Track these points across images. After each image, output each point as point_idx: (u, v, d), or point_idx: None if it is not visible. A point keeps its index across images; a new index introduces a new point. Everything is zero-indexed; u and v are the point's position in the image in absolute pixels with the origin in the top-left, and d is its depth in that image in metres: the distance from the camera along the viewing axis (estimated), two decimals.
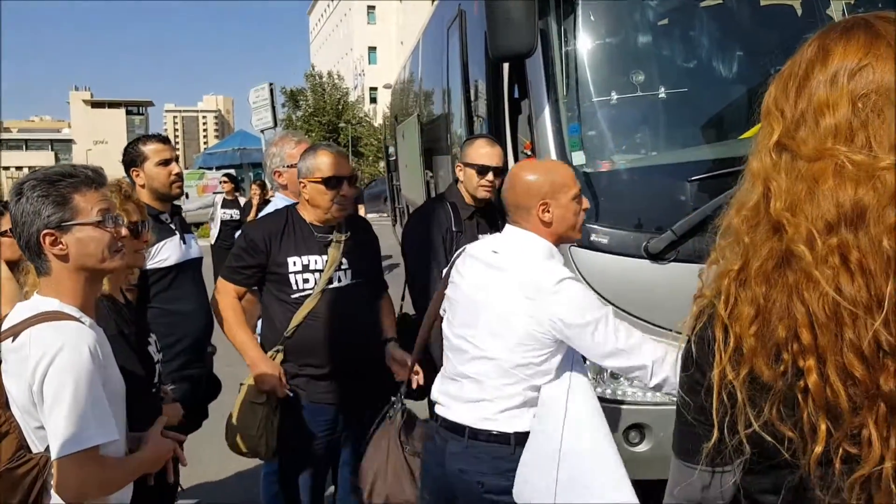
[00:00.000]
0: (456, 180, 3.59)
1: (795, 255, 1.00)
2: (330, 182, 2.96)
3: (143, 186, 3.26)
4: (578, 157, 3.45)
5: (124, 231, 1.98)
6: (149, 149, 3.33)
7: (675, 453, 1.25)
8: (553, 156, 3.46)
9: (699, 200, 3.29)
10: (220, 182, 11.52)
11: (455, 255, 2.56)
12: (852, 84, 1.02)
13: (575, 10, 3.52)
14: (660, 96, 3.51)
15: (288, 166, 3.54)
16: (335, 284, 3.00)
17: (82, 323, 1.85)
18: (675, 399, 3.27)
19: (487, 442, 2.29)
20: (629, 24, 3.71)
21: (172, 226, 3.34)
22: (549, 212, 2.30)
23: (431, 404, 2.57)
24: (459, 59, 5.12)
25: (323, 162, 2.97)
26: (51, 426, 1.75)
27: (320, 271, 2.97)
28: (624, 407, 3.36)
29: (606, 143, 3.62)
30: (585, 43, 3.60)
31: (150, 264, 3.11)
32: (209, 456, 4.17)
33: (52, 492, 1.81)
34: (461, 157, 3.51)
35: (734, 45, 3.67)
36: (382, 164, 28.48)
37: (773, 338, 1.02)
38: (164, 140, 3.45)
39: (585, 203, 2.42)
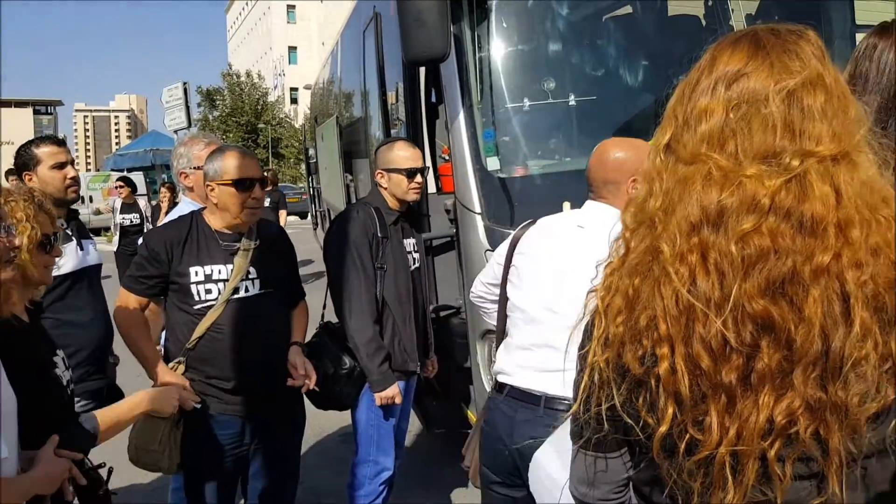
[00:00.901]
0: (376, 185, 3.54)
1: (659, 252, 1.06)
2: (240, 185, 2.83)
3: None
4: (493, 163, 3.48)
5: (17, 241, 1.88)
6: (42, 151, 3.18)
7: (571, 437, 1.33)
8: (467, 160, 3.48)
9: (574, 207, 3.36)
10: (116, 186, 11.06)
11: (514, 235, 2.54)
12: (728, 92, 1.07)
13: (488, 15, 3.55)
14: (570, 103, 3.58)
15: (195, 168, 3.38)
16: (241, 294, 2.89)
17: None
18: None
19: (565, 410, 2.28)
20: (541, 31, 3.77)
21: (69, 231, 3.17)
22: (637, 188, 2.31)
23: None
24: (375, 62, 5.09)
25: (231, 164, 2.85)
26: None
27: (225, 281, 2.85)
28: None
29: (520, 148, 3.66)
30: (499, 49, 3.63)
31: None
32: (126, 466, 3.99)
33: None
34: (381, 164, 3.44)
35: (642, 54, 3.77)
36: (304, 166, 28.11)
37: (637, 326, 1.08)
38: (59, 142, 3.29)
39: None
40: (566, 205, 2.91)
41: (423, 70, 4.10)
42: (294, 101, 58.19)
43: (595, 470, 1.27)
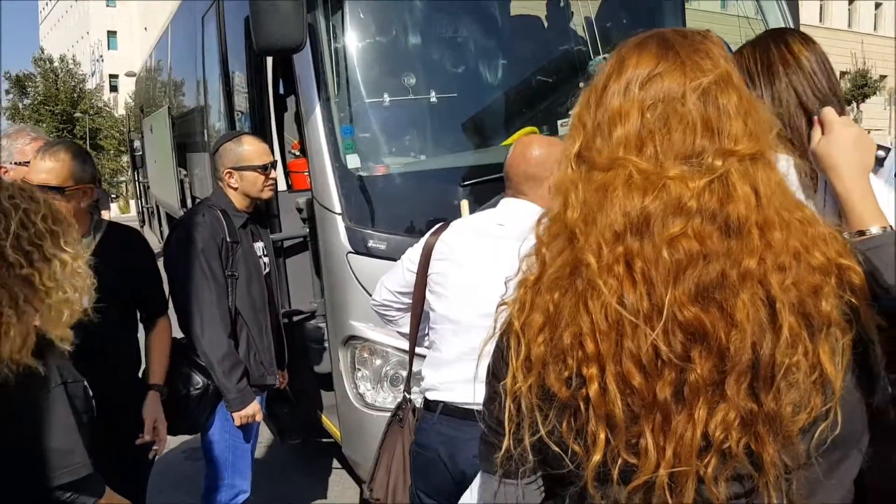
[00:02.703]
0: (218, 185, 3.24)
1: (584, 264, 1.00)
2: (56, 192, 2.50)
3: None
4: (353, 160, 3.32)
5: None
6: None
7: (480, 463, 1.27)
8: (326, 158, 3.30)
9: (477, 204, 3.30)
10: None
11: (426, 241, 2.40)
12: (642, 93, 1.03)
13: (344, 4, 3.37)
14: (431, 100, 3.48)
15: (17, 163, 2.99)
16: None
17: None
18: None
19: None
20: (400, 24, 3.65)
21: None
22: None
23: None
24: (218, 51, 4.74)
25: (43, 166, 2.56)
26: None
27: None
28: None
29: (381, 145, 3.53)
30: (357, 40, 3.49)
31: None
32: None
33: None
34: (230, 162, 3.13)
35: (501, 52, 3.74)
36: (126, 158, 26.36)
37: (560, 345, 1.01)
38: None
39: None
40: (464, 203, 2.82)
41: (269, 60, 3.84)
42: (114, 88, 54.68)
43: (512, 497, 1.18)
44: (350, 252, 3.25)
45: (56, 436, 1.87)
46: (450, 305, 2.30)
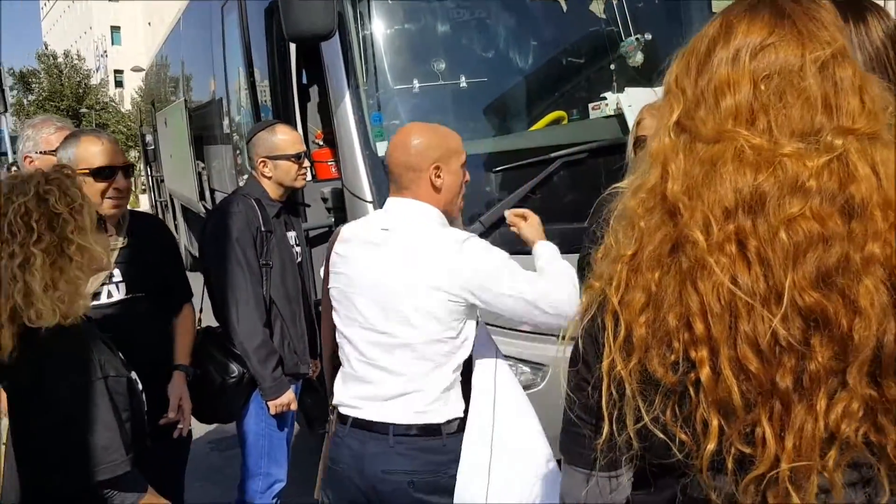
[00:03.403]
0: (252, 174, 3.26)
1: (690, 241, 0.96)
2: (101, 173, 2.51)
3: None
4: (383, 147, 3.30)
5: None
6: None
7: (564, 457, 1.20)
8: (356, 146, 3.29)
9: (504, 191, 3.30)
10: None
11: (330, 244, 2.27)
12: (754, 63, 0.98)
13: None
14: (461, 86, 3.47)
15: (42, 152, 2.96)
16: (103, 301, 2.56)
17: None
18: None
19: (418, 436, 2.08)
20: (429, 9, 3.62)
21: None
22: (440, 177, 2.13)
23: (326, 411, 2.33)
24: (240, 41, 4.73)
25: (89, 149, 2.53)
26: None
27: None
28: None
29: None
30: (385, 27, 3.47)
31: None
32: None
33: None
34: (263, 151, 3.14)
35: (533, 36, 3.72)
36: (134, 153, 26.37)
37: (664, 327, 0.97)
38: None
39: (467, 175, 2.27)
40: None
41: (293, 49, 3.83)
42: (119, 84, 54.56)
43: (605, 491, 1.14)
44: None
45: (96, 431, 1.86)
46: (342, 321, 2.21)
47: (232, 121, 6.10)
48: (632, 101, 3.25)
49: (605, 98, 3.47)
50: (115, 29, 62.57)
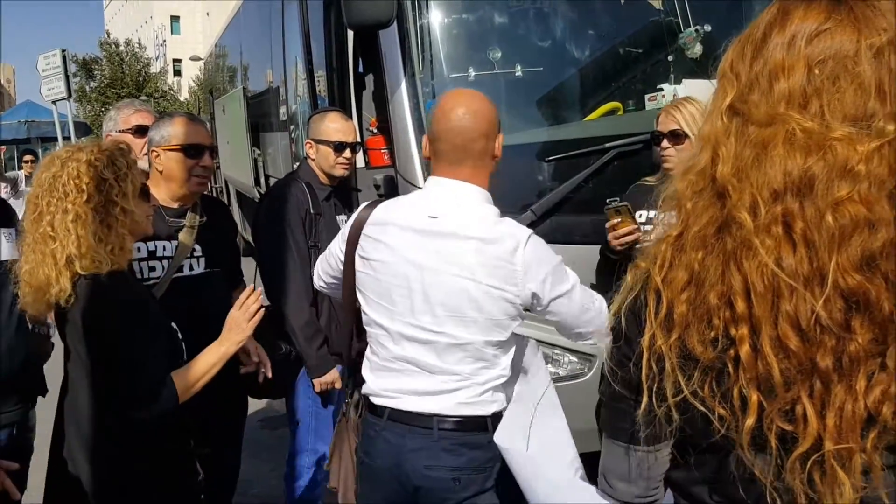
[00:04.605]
0: (306, 158, 3.34)
1: (736, 222, 0.97)
2: (190, 150, 2.67)
3: None
4: None
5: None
6: None
7: (605, 431, 1.24)
8: (410, 133, 3.33)
9: (557, 180, 3.31)
10: (24, 160, 10.50)
11: (351, 227, 2.09)
12: (809, 48, 0.98)
13: None
14: (516, 74, 3.48)
15: (119, 131, 3.11)
16: (185, 273, 2.71)
17: None
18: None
19: (464, 431, 1.95)
20: None
21: None
22: (497, 152, 2.03)
23: (359, 397, 2.20)
24: (300, 30, 4.82)
25: (181, 129, 2.68)
26: None
27: (169, 258, 2.65)
28: None
29: None
30: (442, 15, 3.50)
31: None
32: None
33: None
34: (311, 133, 3.26)
35: (591, 25, 3.71)
36: None
37: (705, 305, 0.99)
38: None
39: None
40: None
41: (350, 38, 3.89)
42: (178, 72, 55.66)
43: (644, 465, 1.17)
44: None
45: (147, 367, 2.07)
46: (380, 312, 2.02)
47: (288, 109, 6.21)
48: (689, 93, 3.23)
49: (661, 89, 3.44)
50: (174, 18, 63.85)
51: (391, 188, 3.63)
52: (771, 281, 0.94)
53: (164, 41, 61.01)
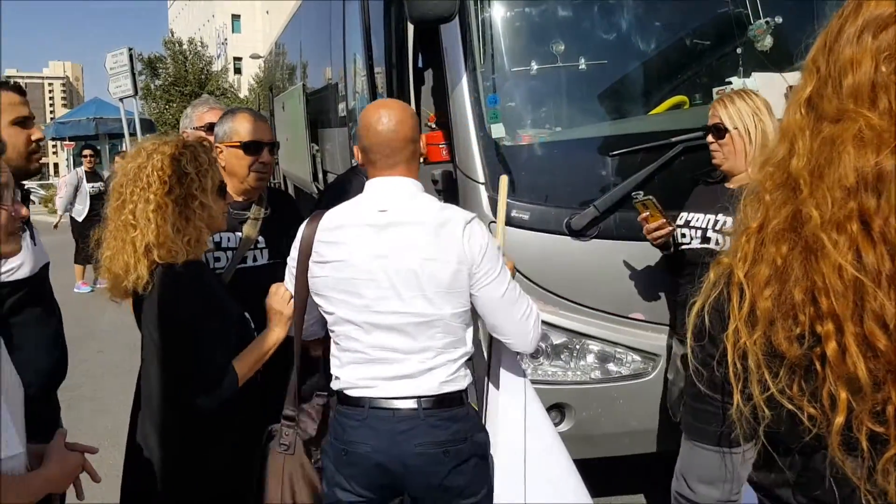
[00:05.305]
0: None
1: (807, 218, 0.96)
2: (249, 147, 2.70)
3: None
4: (497, 130, 3.32)
5: (24, 211, 1.67)
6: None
7: (686, 433, 1.23)
8: (471, 127, 3.31)
9: (620, 175, 3.25)
10: (84, 155, 10.60)
11: (301, 241, 2.24)
12: (877, 42, 0.96)
13: None
14: (581, 67, 3.42)
15: (195, 128, 3.23)
16: (249, 264, 2.75)
17: None
18: (594, 377, 3.23)
19: (445, 407, 2.12)
20: None
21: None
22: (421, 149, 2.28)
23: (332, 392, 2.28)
24: (360, 26, 4.85)
25: (242, 125, 2.72)
26: None
27: (233, 249, 2.70)
28: (544, 387, 3.28)
29: (526, 115, 3.51)
30: (504, 9, 3.46)
31: (1, 275, 2.20)
32: None
33: None
34: (358, 137, 3.25)
35: (657, 17, 3.63)
36: None
37: (790, 300, 0.97)
38: (20, 90, 2.38)
39: None
40: (503, 179, 2.70)
41: (411, 34, 3.89)
42: (238, 70, 56.78)
43: (729, 467, 1.14)
44: (493, 221, 3.26)
45: (218, 352, 2.13)
46: (345, 308, 2.14)
47: (347, 105, 6.25)
48: (759, 87, 3.13)
49: (730, 83, 3.35)
50: (235, 17, 65.18)
51: (449, 183, 3.62)
52: (852, 278, 0.91)
53: (226, 40, 62.34)
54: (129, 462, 2.33)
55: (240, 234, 2.73)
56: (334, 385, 2.22)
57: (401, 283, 2.08)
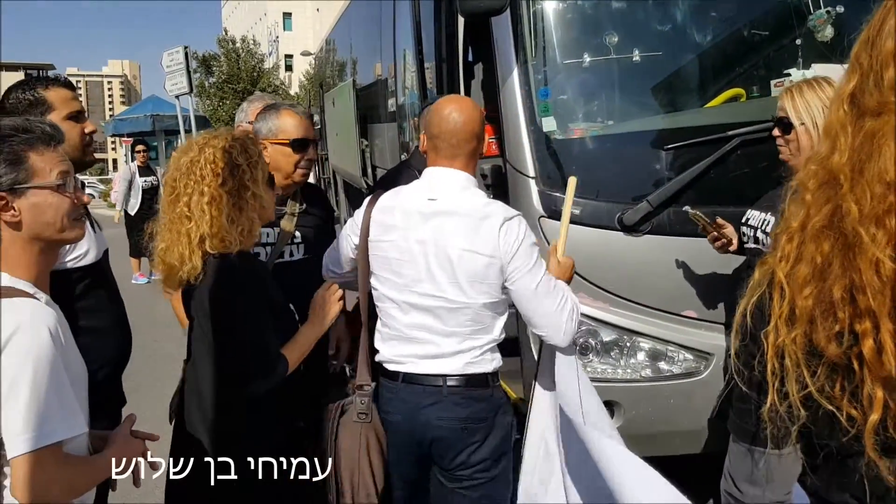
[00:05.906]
0: (417, 147, 3.35)
1: (846, 213, 0.94)
2: (297, 144, 2.72)
3: None
4: (549, 123, 3.28)
5: (86, 198, 1.78)
6: (54, 95, 2.39)
7: (732, 433, 1.21)
8: (521, 121, 3.29)
9: (675, 170, 3.18)
10: (136, 150, 10.85)
11: (363, 217, 2.42)
12: None
13: None
14: (634, 59, 3.36)
15: (249, 122, 3.24)
16: (286, 258, 2.77)
17: (37, 300, 1.60)
18: (644, 375, 3.20)
19: (468, 387, 2.30)
20: None
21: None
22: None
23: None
24: (411, 21, 4.85)
25: (289, 122, 2.73)
26: (6, 420, 1.48)
27: (272, 244, 2.72)
28: (593, 385, 3.24)
29: (578, 108, 3.46)
30: (556, 1, 3.42)
31: (69, 261, 2.33)
32: None
33: (7, 494, 1.53)
34: (425, 126, 3.24)
35: (712, 9, 3.54)
36: None
37: (829, 298, 0.96)
38: (71, 86, 2.52)
39: None
40: (571, 180, 2.74)
41: (461, 28, 3.87)
42: (289, 68, 57.50)
43: (769, 467, 1.13)
44: (542, 216, 3.23)
45: (269, 341, 2.18)
46: (389, 286, 2.35)
47: (397, 100, 6.28)
48: None
49: (789, 74, 3.25)
50: (286, 15, 66.05)
51: (499, 178, 3.59)
52: (889, 276, 0.90)
53: (277, 37, 63.19)
54: (176, 449, 2.35)
55: (277, 229, 2.75)
56: (377, 357, 2.43)
57: (437, 269, 2.26)
